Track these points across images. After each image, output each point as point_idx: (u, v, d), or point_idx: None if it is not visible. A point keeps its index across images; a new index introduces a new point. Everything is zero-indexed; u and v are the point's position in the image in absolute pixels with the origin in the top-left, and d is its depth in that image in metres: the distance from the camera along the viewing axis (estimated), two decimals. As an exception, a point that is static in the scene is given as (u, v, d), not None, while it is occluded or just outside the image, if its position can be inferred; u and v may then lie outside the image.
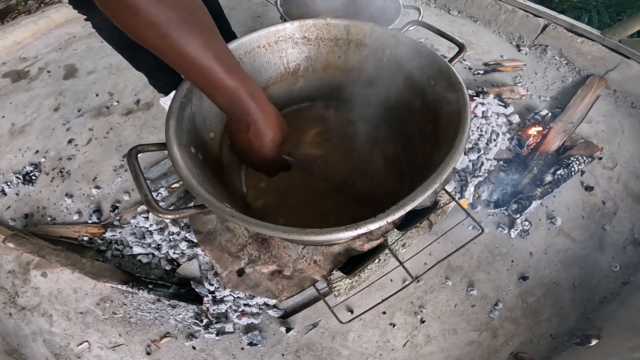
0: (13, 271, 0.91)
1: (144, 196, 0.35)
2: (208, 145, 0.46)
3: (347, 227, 0.31)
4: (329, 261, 0.62)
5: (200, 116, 0.44)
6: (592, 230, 0.95)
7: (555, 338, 0.81)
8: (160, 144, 0.40)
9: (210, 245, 0.59)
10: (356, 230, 0.31)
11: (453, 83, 0.44)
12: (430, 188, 0.34)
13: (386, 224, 0.34)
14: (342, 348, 0.79)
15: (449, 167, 0.35)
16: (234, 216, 0.31)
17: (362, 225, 0.31)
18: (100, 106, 1.22)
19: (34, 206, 1.01)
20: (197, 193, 0.33)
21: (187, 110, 0.42)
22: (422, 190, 0.33)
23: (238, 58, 0.51)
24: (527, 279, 0.87)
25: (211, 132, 0.48)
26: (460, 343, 0.80)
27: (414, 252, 0.83)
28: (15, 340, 0.83)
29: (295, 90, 0.62)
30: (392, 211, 0.32)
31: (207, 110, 0.44)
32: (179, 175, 0.35)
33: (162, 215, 0.34)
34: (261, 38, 0.51)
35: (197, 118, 0.44)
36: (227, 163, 0.51)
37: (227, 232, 0.63)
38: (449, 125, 0.42)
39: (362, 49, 0.55)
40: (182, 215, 0.35)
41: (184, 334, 0.80)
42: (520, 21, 1.46)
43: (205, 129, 0.47)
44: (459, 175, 0.95)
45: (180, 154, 0.36)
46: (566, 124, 1.07)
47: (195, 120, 0.43)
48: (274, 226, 0.32)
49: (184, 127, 0.40)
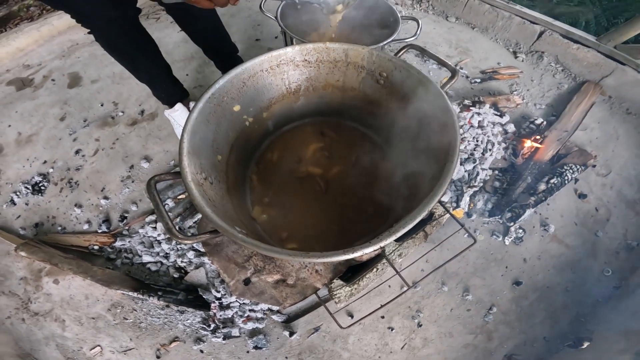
0: (25, 278, 0.94)
1: (165, 224, 0.38)
2: (216, 168, 0.49)
3: (345, 251, 0.34)
4: (329, 270, 0.65)
5: (208, 141, 0.48)
6: (585, 236, 0.97)
7: (548, 341, 0.84)
8: (176, 173, 0.43)
9: (218, 256, 0.62)
10: (353, 254, 0.34)
11: (444, 109, 0.47)
12: (418, 216, 0.37)
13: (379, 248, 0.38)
14: (343, 351, 0.82)
15: (437, 196, 0.38)
16: (245, 241, 0.35)
17: (358, 249, 0.34)
18: (105, 116, 1.25)
19: (44, 215, 1.04)
20: (212, 220, 0.36)
21: (197, 137, 0.45)
22: (411, 219, 0.37)
23: (242, 82, 0.54)
24: (521, 284, 0.90)
25: (218, 155, 0.51)
26: (456, 346, 0.83)
27: (411, 260, 0.87)
28: (28, 345, 0.86)
29: (296, 108, 0.65)
30: (385, 237, 0.35)
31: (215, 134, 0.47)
32: (195, 204, 0.38)
33: (182, 241, 0.37)
34: (264, 62, 0.54)
35: (206, 143, 0.47)
36: (232, 182, 0.54)
37: (233, 244, 0.66)
38: (440, 149, 0.45)
39: (360, 70, 0.57)
40: (200, 240, 0.39)
41: (192, 338, 0.83)
42: (516, 28, 1.48)
43: (214, 152, 0.50)
44: (455, 185, 0.98)
45: (194, 183, 0.39)
46: (560, 132, 1.10)
47: (204, 146, 0.47)
48: (280, 250, 0.35)
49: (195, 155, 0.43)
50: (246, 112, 0.57)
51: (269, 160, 0.64)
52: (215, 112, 0.50)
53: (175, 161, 1.11)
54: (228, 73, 0.50)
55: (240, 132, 0.57)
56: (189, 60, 1.41)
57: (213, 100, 0.49)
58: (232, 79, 0.51)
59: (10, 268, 0.96)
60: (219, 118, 0.51)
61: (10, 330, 0.87)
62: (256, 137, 0.63)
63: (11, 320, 0.88)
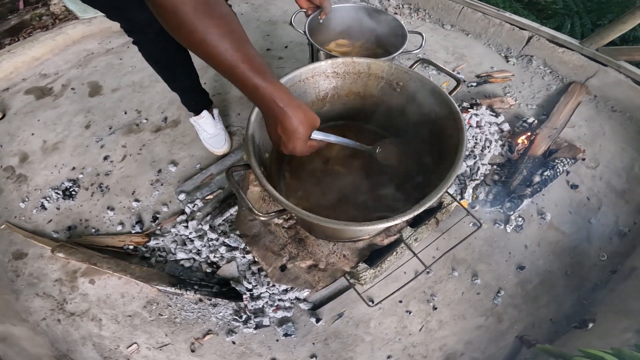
0: (60, 279, 0.98)
1: (246, 205, 0.48)
2: (265, 163, 0.58)
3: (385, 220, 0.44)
4: (355, 254, 0.73)
5: (260, 140, 0.56)
6: (579, 223, 1.07)
7: (555, 322, 0.92)
8: (246, 165, 0.52)
9: (257, 245, 0.69)
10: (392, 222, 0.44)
11: (452, 112, 0.56)
12: (435, 196, 0.46)
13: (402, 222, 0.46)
14: (365, 334, 0.89)
15: (450, 180, 0.48)
16: (309, 216, 0.44)
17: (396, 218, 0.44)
18: (130, 123, 1.31)
19: (76, 219, 1.09)
20: (281, 202, 0.45)
21: (256, 137, 0.54)
22: (430, 198, 0.46)
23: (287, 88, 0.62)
24: (524, 268, 0.99)
25: (266, 152, 0.60)
26: (469, 327, 0.91)
27: (424, 246, 0.95)
28: (65, 346, 0.88)
29: (322, 113, 0.74)
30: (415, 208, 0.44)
31: (264, 134, 0.55)
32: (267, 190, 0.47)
33: (260, 217, 0.47)
34: (302, 74, 0.63)
35: (259, 142, 0.55)
36: (274, 175, 0.62)
37: (269, 234, 0.73)
38: (450, 145, 0.54)
39: (380, 80, 0.67)
40: (272, 217, 0.50)
41: (224, 330, 0.89)
42: (507, 34, 1.59)
43: (263, 150, 0.58)
44: (459, 179, 1.08)
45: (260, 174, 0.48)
46: (551, 129, 1.21)
47: (259, 144, 0.55)
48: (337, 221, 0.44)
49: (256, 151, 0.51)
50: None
51: (299, 159, 0.72)
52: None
53: (200, 164, 1.18)
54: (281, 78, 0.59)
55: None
56: (205, 69, 1.50)
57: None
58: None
59: (44, 270, 1.00)
60: (265, 121, 0.59)
61: (46, 332, 0.90)
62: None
63: (46, 322, 0.91)
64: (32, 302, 0.95)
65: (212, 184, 1.06)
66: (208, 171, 1.09)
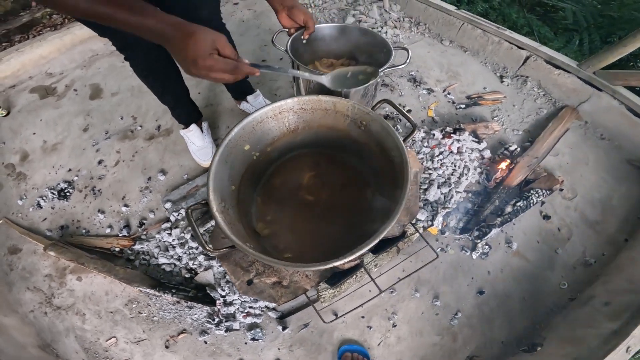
0: (50, 275, 1.07)
1: (200, 243, 0.55)
2: (231, 195, 0.63)
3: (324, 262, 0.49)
4: (317, 275, 0.79)
5: (226, 176, 0.61)
6: (545, 252, 1.10)
7: (505, 344, 0.97)
8: (205, 204, 0.58)
9: (227, 261, 0.75)
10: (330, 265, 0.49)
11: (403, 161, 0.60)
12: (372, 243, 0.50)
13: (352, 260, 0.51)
14: (328, 344, 0.96)
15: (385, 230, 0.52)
16: (254, 255, 0.50)
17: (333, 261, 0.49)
18: (125, 129, 1.37)
19: (69, 219, 1.17)
20: (232, 241, 0.51)
21: (218, 176, 0.59)
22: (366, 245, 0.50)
23: (252, 127, 0.67)
24: (484, 293, 1.04)
25: (232, 185, 0.65)
26: (425, 344, 0.97)
27: (387, 269, 1.00)
28: (49, 336, 0.96)
29: (294, 142, 0.79)
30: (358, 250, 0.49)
31: (230, 170, 0.61)
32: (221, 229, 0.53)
33: (211, 254, 0.52)
34: (269, 111, 0.67)
35: (224, 179, 0.61)
36: (242, 205, 0.68)
37: (239, 252, 0.79)
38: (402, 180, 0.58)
39: (346, 118, 0.71)
40: (223, 252, 0.57)
41: (198, 330, 0.97)
42: (505, 52, 1.58)
43: (229, 184, 0.63)
44: (432, 206, 1.11)
45: (219, 212, 0.53)
46: (531, 158, 1.22)
47: (223, 181, 0.61)
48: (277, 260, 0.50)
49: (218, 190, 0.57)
50: (254, 149, 0.70)
51: (272, 185, 0.78)
52: (231, 153, 0.63)
53: (188, 175, 1.24)
54: (241, 122, 0.64)
55: (249, 165, 0.70)
56: (199, 80, 1.53)
57: (230, 144, 0.62)
58: (245, 126, 0.64)
59: (36, 266, 1.08)
60: (234, 157, 0.64)
61: (33, 323, 0.98)
62: (262, 167, 0.76)
63: (34, 314, 0.99)
64: (23, 294, 1.04)
65: (197, 195, 1.12)
66: (194, 182, 1.15)
